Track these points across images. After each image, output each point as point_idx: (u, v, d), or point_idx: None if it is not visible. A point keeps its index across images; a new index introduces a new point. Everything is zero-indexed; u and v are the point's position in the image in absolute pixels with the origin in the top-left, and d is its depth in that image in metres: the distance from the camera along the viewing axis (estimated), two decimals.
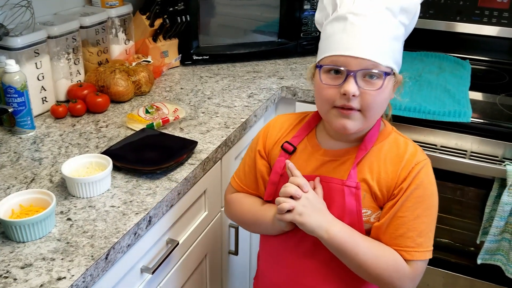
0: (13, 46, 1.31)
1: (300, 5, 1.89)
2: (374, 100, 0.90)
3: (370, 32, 0.89)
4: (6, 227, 0.91)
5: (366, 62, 0.88)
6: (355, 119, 0.92)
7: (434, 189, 0.96)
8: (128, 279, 1.02)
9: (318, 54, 0.96)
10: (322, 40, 0.96)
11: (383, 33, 0.89)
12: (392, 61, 0.91)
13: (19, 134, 1.31)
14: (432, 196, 0.95)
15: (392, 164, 0.95)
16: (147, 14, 1.75)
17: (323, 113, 0.96)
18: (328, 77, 0.92)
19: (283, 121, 1.09)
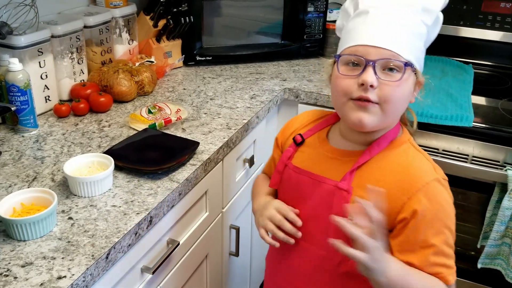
0: (17, 45, 1.31)
1: (304, 7, 1.89)
2: (393, 92, 0.86)
3: (391, 23, 0.88)
4: (7, 226, 0.91)
5: (386, 52, 0.86)
6: (372, 113, 0.87)
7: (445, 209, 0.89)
8: (128, 279, 1.02)
9: (338, 50, 0.95)
10: (342, 37, 0.95)
11: (404, 26, 0.88)
12: (413, 56, 0.89)
13: (21, 132, 1.31)
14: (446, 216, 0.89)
15: (393, 174, 0.90)
16: (151, 14, 1.75)
17: (339, 106, 0.92)
18: (346, 68, 0.90)
19: (305, 116, 1.10)
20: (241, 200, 1.54)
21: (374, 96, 0.86)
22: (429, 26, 0.92)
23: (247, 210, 1.62)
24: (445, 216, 0.89)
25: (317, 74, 1.82)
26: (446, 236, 0.89)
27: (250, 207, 1.64)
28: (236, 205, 1.51)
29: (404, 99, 0.91)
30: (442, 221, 0.88)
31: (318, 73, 1.83)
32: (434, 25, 0.94)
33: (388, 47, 0.86)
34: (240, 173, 1.51)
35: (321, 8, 1.90)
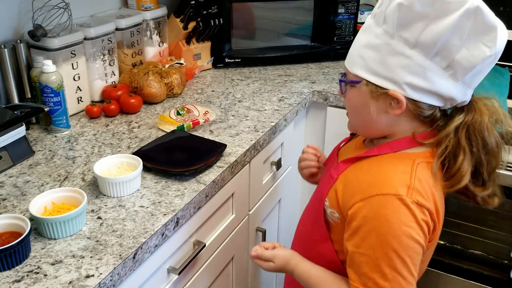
0: (51, 47, 1.34)
1: (334, 9, 1.88)
2: (347, 103, 0.95)
3: (357, 39, 0.91)
4: (39, 224, 0.94)
5: (345, 68, 0.93)
6: (348, 120, 0.99)
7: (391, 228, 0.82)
8: (155, 279, 1.03)
9: None
10: None
11: (359, 40, 0.90)
12: (363, 69, 0.87)
13: (54, 132, 1.35)
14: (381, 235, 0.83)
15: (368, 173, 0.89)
16: (181, 17, 1.77)
17: None
18: None
19: None
20: (267, 203, 1.53)
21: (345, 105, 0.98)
22: (391, 34, 0.83)
23: (274, 212, 1.62)
24: (389, 234, 0.82)
25: None
26: (387, 257, 0.82)
27: (276, 209, 1.64)
28: (263, 208, 1.51)
29: (356, 109, 0.93)
30: (385, 238, 0.82)
31: None
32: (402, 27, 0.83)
33: (345, 63, 0.93)
34: (267, 176, 1.51)
35: (352, 10, 1.88)
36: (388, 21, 0.83)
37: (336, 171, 0.95)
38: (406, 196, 0.82)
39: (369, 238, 0.84)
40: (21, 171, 1.16)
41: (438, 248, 1.68)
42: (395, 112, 0.87)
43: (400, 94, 0.85)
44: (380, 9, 0.86)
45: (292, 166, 1.69)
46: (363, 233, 0.85)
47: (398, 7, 0.81)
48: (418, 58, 0.82)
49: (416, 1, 0.79)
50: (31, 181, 1.13)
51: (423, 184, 0.85)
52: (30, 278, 0.85)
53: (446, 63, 0.82)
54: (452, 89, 0.84)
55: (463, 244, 1.72)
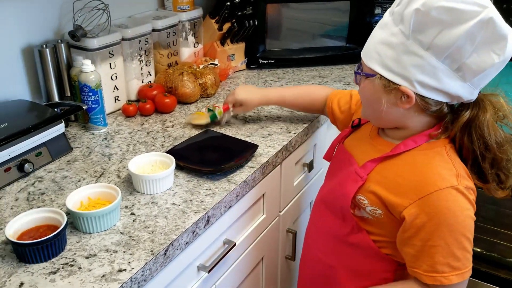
0: (90, 47, 1.38)
1: (371, 10, 1.85)
2: (359, 93, 1.02)
3: (374, 33, 0.95)
4: (75, 218, 0.96)
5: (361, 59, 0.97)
6: (362, 107, 1.04)
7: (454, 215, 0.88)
8: (185, 276, 1.05)
9: None
10: None
11: (376, 35, 0.93)
12: (379, 64, 0.92)
13: (92, 130, 1.39)
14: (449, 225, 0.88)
15: (411, 172, 0.93)
16: (216, 18, 1.79)
17: None
18: None
19: None
20: (299, 204, 1.53)
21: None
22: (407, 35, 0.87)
23: (305, 214, 1.61)
24: (456, 222, 0.89)
25: None
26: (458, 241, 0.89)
27: (307, 211, 1.63)
28: (294, 209, 1.50)
29: (369, 100, 0.98)
30: (454, 228, 0.89)
31: None
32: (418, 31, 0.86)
33: (362, 55, 0.96)
34: (299, 177, 1.50)
35: None
36: (405, 22, 0.87)
37: (364, 170, 0.99)
38: (459, 185, 0.89)
39: (438, 230, 0.88)
40: (59, 167, 1.20)
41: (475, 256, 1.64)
42: (404, 106, 0.92)
43: (411, 90, 0.90)
44: (398, 9, 0.90)
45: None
46: (430, 227, 0.89)
47: (415, 12, 0.85)
48: (431, 59, 0.87)
49: (433, 8, 0.83)
50: (68, 176, 1.16)
51: (460, 167, 0.93)
52: (65, 270, 0.87)
53: (457, 65, 0.87)
54: (460, 88, 0.89)
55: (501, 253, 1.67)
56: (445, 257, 0.89)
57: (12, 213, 1.02)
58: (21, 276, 0.86)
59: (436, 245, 0.89)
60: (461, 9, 0.82)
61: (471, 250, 0.92)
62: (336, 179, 1.07)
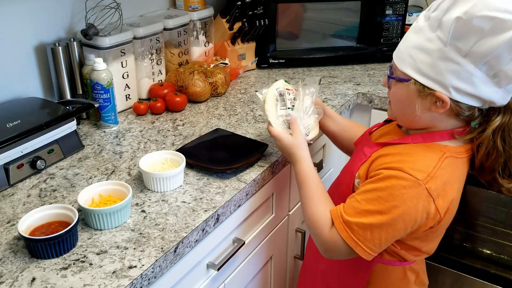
0: (102, 46, 1.39)
1: (382, 10, 1.85)
2: (391, 95, 1.02)
3: (407, 36, 0.96)
4: (86, 215, 0.97)
5: (393, 63, 0.98)
6: (389, 108, 1.05)
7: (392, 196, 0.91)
8: (195, 274, 1.05)
9: None
10: None
11: (410, 39, 0.94)
12: (412, 69, 0.93)
13: (103, 128, 1.40)
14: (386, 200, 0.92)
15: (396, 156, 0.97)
16: (227, 17, 1.79)
17: None
18: None
19: None
20: None
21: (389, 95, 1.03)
22: (445, 42, 0.87)
23: None
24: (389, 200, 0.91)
25: None
26: (381, 219, 0.92)
27: None
28: None
29: (401, 104, 0.99)
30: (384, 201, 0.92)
31: None
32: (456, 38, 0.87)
33: (393, 58, 0.97)
34: None
35: (400, 11, 1.85)
36: (443, 29, 0.88)
37: (369, 149, 1.03)
38: (422, 181, 0.90)
39: (372, 193, 0.94)
40: (71, 164, 1.22)
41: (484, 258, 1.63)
42: (438, 110, 0.93)
43: (446, 95, 0.91)
44: (435, 15, 0.90)
45: (334, 168, 1.68)
46: (370, 187, 0.94)
47: (456, 20, 0.85)
48: (468, 66, 0.87)
49: (475, 17, 0.84)
50: (80, 173, 1.17)
51: (443, 177, 0.92)
52: (77, 266, 0.88)
53: (493, 72, 0.88)
54: (494, 94, 0.90)
55: (511, 255, 1.66)
56: (355, 214, 0.94)
57: (25, 209, 1.04)
58: (33, 271, 0.87)
59: (358, 201, 0.95)
60: (503, 18, 0.82)
61: (371, 239, 0.93)
62: (348, 162, 1.13)
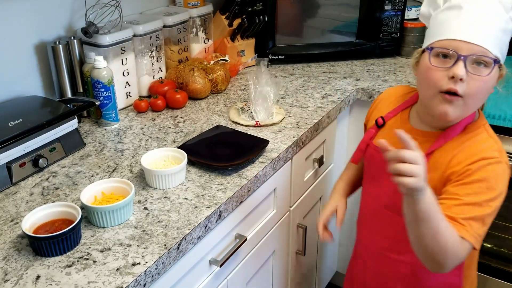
0: (102, 43, 1.40)
1: (381, 5, 1.85)
2: (479, 87, 0.93)
3: (483, 20, 0.93)
4: (89, 213, 0.98)
5: (477, 48, 0.91)
6: (456, 106, 0.94)
7: (500, 189, 0.93)
8: (197, 270, 1.06)
9: (427, 39, 1.01)
10: (432, 27, 1.01)
11: (494, 23, 0.93)
12: (499, 52, 0.94)
13: (104, 125, 1.40)
14: (494, 193, 0.93)
15: (464, 157, 0.96)
16: (227, 14, 1.79)
17: (427, 97, 0.99)
18: (437, 60, 0.96)
19: (388, 95, 1.20)
20: (309, 199, 1.54)
21: (461, 90, 0.92)
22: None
23: (315, 209, 1.62)
24: (489, 188, 0.92)
25: (393, 74, 1.78)
26: (484, 207, 0.92)
27: (318, 206, 1.64)
28: (304, 204, 1.51)
29: (488, 92, 0.96)
30: (484, 191, 0.92)
31: (394, 73, 1.79)
32: None
33: (480, 43, 0.91)
34: (309, 173, 1.51)
35: (399, 6, 1.85)
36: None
37: None
38: (502, 159, 0.95)
39: (477, 186, 0.93)
40: (73, 162, 1.22)
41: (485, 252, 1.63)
42: (492, 90, 0.96)
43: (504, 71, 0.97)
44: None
45: (334, 164, 1.68)
46: (472, 182, 0.93)
47: None
48: None
49: None
50: (82, 171, 1.18)
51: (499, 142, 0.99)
52: (80, 263, 0.89)
53: None
54: None
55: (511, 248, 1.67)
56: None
57: (28, 208, 1.04)
58: (38, 269, 0.88)
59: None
60: None
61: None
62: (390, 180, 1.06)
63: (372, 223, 1.16)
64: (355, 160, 1.16)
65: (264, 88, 1.40)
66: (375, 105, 1.23)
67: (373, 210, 1.15)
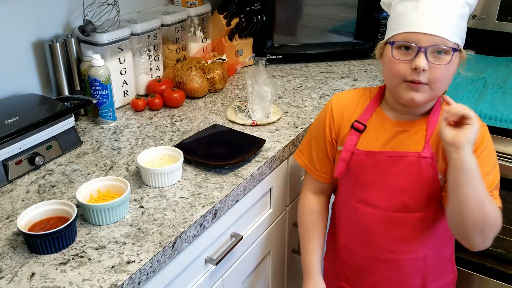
0: (100, 42, 1.40)
1: (379, 5, 1.83)
2: (442, 74, 0.97)
3: (440, 10, 0.96)
4: (84, 210, 0.98)
5: (436, 39, 0.95)
6: (423, 92, 0.99)
7: (494, 152, 1.03)
8: (193, 268, 1.06)
9: (388, 32, 1.03)
10: (392, 19, 1.03)
11: (451, 12, 0.96)
12: (459, 38, 0.98)
13: (101, 124, 1.40)
14: (495, 156, 1.03)
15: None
16: (225, 13, 1.79)
17: (392, 86, 1.03)
18: (399, 52, 0.99)
19: (344, 101, 1.15)
20: None
21: (425, 78, 0.97)
22: (471, 5, 1.00)
23: None
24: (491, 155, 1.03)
25: None
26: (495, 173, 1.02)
27: None
28: None
29: (451, 77, 1.01)
30: (494, 159, 1.02)
31: None
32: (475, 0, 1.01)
33: (438, 34, 0.95)
34: None
35: None
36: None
37: (428, 151, 1.03)
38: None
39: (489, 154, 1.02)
40: (69, 160, 1.22)
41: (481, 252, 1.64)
42: (455, 72, 1.01)
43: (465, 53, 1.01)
44: None
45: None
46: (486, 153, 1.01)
47: None
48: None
49: None
50: (78, 169, 1.18)
51: None
52: (76, 261, 0.89)
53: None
54: None
55: (507, 249, 1.67)
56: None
57: (23, 205, 1.04)
58: (33, 266, 0.88)
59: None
60: None
61: None
62: (391, 181, 1.06)
63: (375, 232, 1.10)
64: (340, 172, 1.10)
65: (261, 87, 1.40)
66: (329, 115, 1.14)
67: (376, 218, 1.09)
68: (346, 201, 1.15)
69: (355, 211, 1.12)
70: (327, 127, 1.15)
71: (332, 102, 1.16)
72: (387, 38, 1.03)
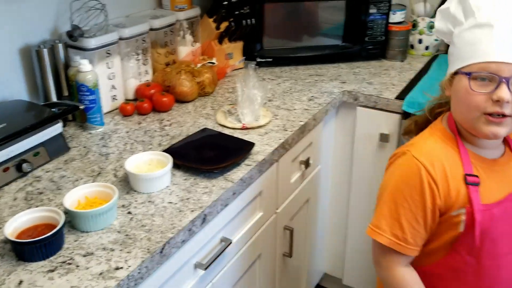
0: (87, 47, 1.39)
1: (366, 9, 1.86)
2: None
3: (505, 31, 0.91)
4: (72, 217, 0.98)
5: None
6: (505, 126, 0.94)
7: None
8: (182, 274, 1.06)
9: (458, 61, 0.97)
10: (460, 47, 0.97)
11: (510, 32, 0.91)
12: None
13: (89, 129, 1.39)
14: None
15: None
16: (214, 17, 1.79)
17: (470, 120, 0.96)
18: (477, 84, 0.93)
19: (432, 156, 0.99)
20: (296, 201, 1.54)
21: (509, 111, 0.91)
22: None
23: (302, 211, 1.62)
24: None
25: (378, 77, 1.79)
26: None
27: (305, 208, 1.64)
28: (291, 206, 1.51)
29: None
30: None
31: (379, 76, 1.80)
32: None
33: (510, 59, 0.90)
34: (296, 175, 1.51)
35: (384, 10, 1.86)
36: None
37: None
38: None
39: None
40: (57, 166, 1.21)
41: None
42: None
43: None
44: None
45: (321, 166, 1.69)
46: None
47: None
48: None
49: None
50: (66, 176, 1.17)
51: None
52: (63, 268, 0.88)
53: None
54: None
55: None
56: None
57: (11, 213, 1.03)
58: (20, 274, 0.87)
59: None
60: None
61: None
62: None
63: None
64: (478, 237, 0.97)
65: (251, 91, 1.40)
66: (427, 179, 0.97)
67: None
68: (465, 263, 1.01)
69: (490, 269, 1.01)
70: (428, 193, 0.97)
71: (421, 162, 0.98)
72: (457, 68, 0.96)
